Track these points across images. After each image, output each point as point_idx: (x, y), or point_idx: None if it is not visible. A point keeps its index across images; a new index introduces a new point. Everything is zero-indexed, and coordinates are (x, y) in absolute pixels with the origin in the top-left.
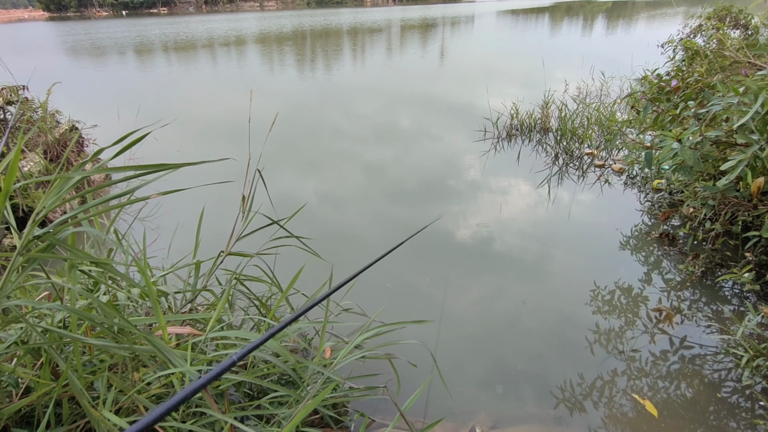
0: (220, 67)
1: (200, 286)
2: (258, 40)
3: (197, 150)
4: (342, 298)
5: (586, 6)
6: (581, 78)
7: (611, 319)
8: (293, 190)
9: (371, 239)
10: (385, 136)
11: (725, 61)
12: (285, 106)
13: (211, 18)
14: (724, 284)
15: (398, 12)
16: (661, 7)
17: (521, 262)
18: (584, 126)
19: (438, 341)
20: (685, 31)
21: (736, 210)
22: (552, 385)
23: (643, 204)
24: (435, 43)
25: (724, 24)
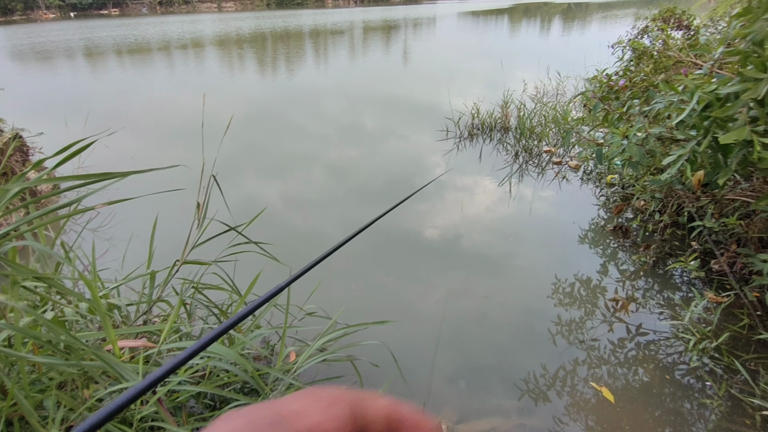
0: (177, 70)
1: (156, 297)
2: (216, 43)
3: (153, 156)
4: (305, 302)
5: (543, 8)
6: (539, 78)
7: (572, 311)
8: (257, 194)
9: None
10: (351, 136)
11: (669, 60)
12: (247, 109)
13: (166, 19)
14: (674, 272)
15: (360, 13)
16: (611, 8)
17: (487, 258)
18: (542, 124)
19: (405, 340)
20: (633, 32)
21: (682, 202)
22: (517, 377)
23: (599, 198)
24: (398, 44)
25: (668, 25)
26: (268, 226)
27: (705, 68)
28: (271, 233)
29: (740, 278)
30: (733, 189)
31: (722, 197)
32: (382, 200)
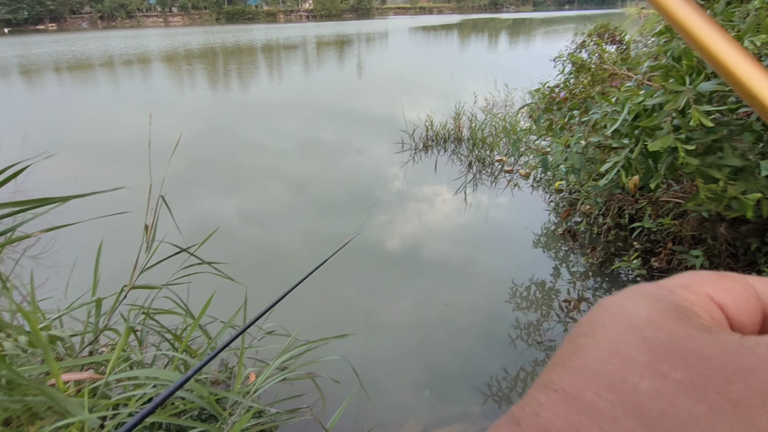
0: (122, 87)
1: (102, 325)
2: (164, 58)
3: (98, 177)
4: (264, 321)
5: (490, 23)
6: (488, 90)
7: (529, 313)
8: (213, 212)
9: (301, 255)
10: (309, 150)
11: (605, 73)
12: (199, 126)
13: (109, 35)
14: (620, 271)
15: (312, 28)
16: (553, 24)
17: (448, 266)
18: (493, 135)
19: (368, 353)
20: (572, 46)
21: (622, 205)
22: (481, 382)
23: (549, 204)
24: (352, 59)
25: (602, 40)
26: (226, 245)
27: (634, 81)
28: (229, 251)
29: None
30: (667, 191)
31: (658, 199)
32: (344, 212)
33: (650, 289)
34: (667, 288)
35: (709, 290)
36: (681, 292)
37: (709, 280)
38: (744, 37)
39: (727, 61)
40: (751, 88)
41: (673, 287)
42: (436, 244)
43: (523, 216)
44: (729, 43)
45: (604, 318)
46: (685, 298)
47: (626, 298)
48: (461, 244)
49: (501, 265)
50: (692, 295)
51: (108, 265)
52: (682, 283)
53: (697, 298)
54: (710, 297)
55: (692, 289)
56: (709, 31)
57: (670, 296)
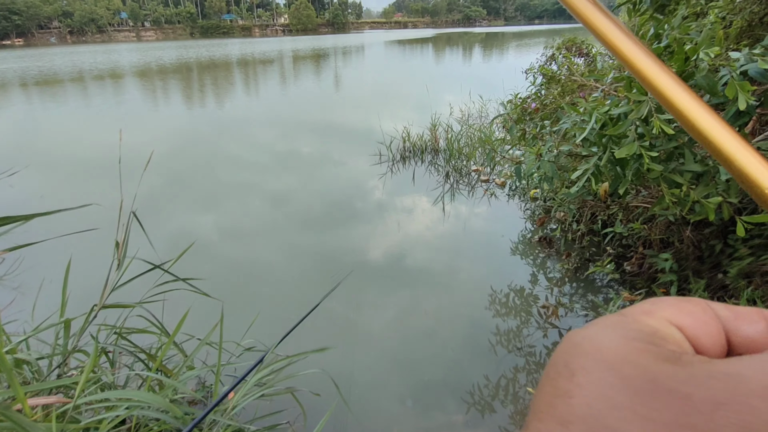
0: (93, 103)
1: (72, 347)
2: (137, 74)
3: (67, 194)
4: (243, 337)
5: (464, 37)
6: (463, 101)
7: (509, 320)
8: (190, 228)
9: (282, 270)
10: (287, 164)
11: (574, 84)
12: (174, 141)
13: (78, 50)
14: (595, 276)
15: (289, 43)
16: (524, 38)
17: (429, 275)
18: (469, 145)
19: (350, 365)
20: (543, 59)
21: (595, 211)
22: (463, 390)
23: (525, 212)
24: (328, 72)
25: (570, 53)
26: (203, 261)
27: (600, 92)
28: (207, 268)
29: (649, 277)
30: (636, 197)
31: (628, 204)
32: (324, 225)
33: (615, 318)
34: (630, 316)
35: (668, 314)
36: (643, 319)
37: (668, 304)
38: (699, 49)
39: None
40: (678, 107)
41: (635, 315)
42: (416, 254)
43: (501, 224)
44: (658, 66)
45: (579, 356)
46: (648, 324)
47: (595, 332)
48: (441, 254)
49: (480, 273)
50: (653, 321)
51: (78, 285)
52: (642, 310)
53: (658, 323)
54: (669, 321)
55: (652, 314)
56: (639, 54)
57: (634, 324)
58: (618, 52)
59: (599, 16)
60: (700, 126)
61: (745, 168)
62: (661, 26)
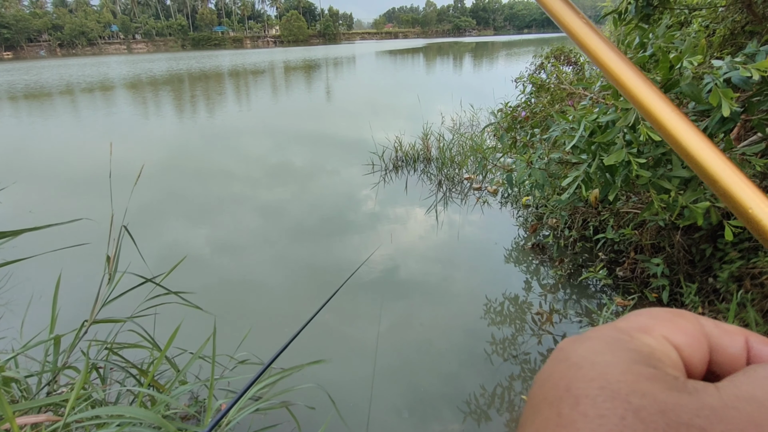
0: (83, 116)
1: (62, 363)
2: (128, 86)
3: (57, 209)
4: (236, 350)
5: (454, 46)
6: (454, 110)
7: (504, 328)
8: (182, 242)
9: (275, 282)
10: (280, 175)
11: (563, 93)
12: (165, 154)
13: (68, 62)
14: (588, 282)
15: (280, 54)
16: (513, 47)
17: (423, 285)
18: (461, 154)
19: (345, 377)
20: (532, 68)
21: (587, 217)
22: (459, 400)
23: (517, 219)
24: (320, 83)
25: (559, 62)
26: (196, 275)
27: (588, 100)
28: (200, 281)
29: (641, 282)
30: (626, 203)
31: (618, 210)
32: (317, 237)
33: (612, 334)
34: (626, 332)
35: (665, 331)
36: (641, 337)
37: (664, 319)
38: (683, 57)
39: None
40: (656, 115)
41: (632, 331)
42: (410, 264)
43: (494, 232)
44: (640, 79)
45: (582, 381)
46: (646, 343)
47: (594, 351)
48: (435, 263)
49: (475, 281)
50: (652, 339)
51: (68, 300)
52: (639, 325)
53: (656, 341)
54: (666, 338)
55: (650, 331)
56: (620, 64)
57: (631, 343)
58: (604, 66)
59: (584, 29)
60: (678, 136)
61: (720, 178)
62: (645, 35)
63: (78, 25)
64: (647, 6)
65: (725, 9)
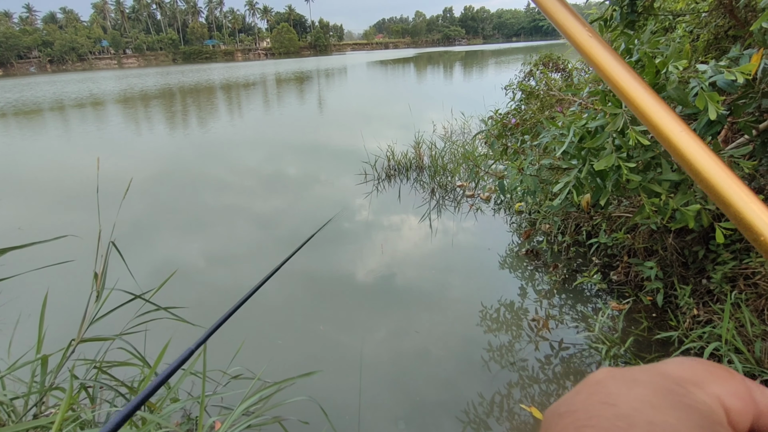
0: (74, 131)
1: (49, 384)
2: (119, 100)
3: (47, 225)
4: (229, 365)
5: (444, 55)
6: (446, 118)
7: (500, 335)
8: (176, 255)
9: (269, 293)
10: (274, 186)
11: (553, 99)
12: (158, 167)
13: (59, 78)
14: (583, 287)
15: (271, 66)
16: (502, 55)
17: (418, 293)
18: (453, 161)
19: (340, 389)
20: (521, 75)
21: (579, 222)
22: (458, 409)
23: (511, 226)
24: (312, 94)
25: (547, 69)
26: (189, 288)
27: (577, 106)
28: (193, 295)
29: (636, 285)
30: (618, 207)
31: (611, 215)
32: (312, 247)
33: (663, 382)
34: (680, 384)
35: (719, 391)
36: (696, 393)
37: (717, 377)
38: (668, 62)
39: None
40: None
41: (686, 383)
42: (405, 272)
43: (488, 239)
44: (636, 82)
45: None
46: (704, 402)
47: (646, 402)
48: (430, 271)
49: (470, 288)
50: (708, 398)
51: (57, 318)
52: (693, 377)
53: (712, 401)
54: (720, 399)
55: (705, 388)
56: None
57: (687, 398)
58: (603, 70)
59: (585, 34)
60: (672, 137)
61: (717, 182)
62: (631, 41)
63: (68, 41)
64: (632, 12)
65: (708, 14)
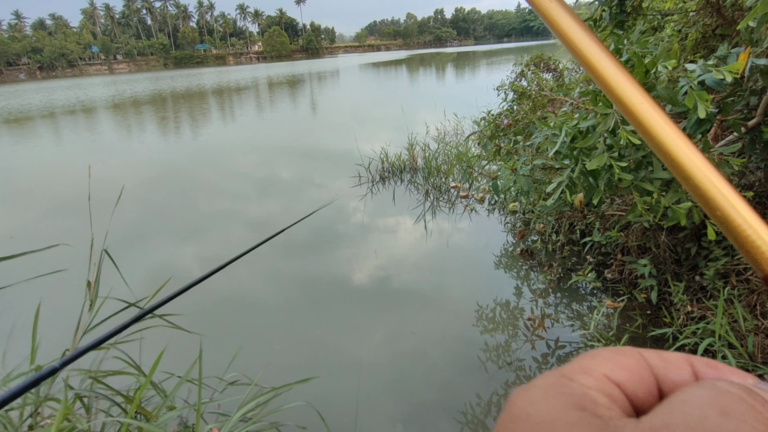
0: (66, 138)
1: (44, 395)
2: (111, 106)
3: (38, 234)
4: (226, 371)
5: (436, 57)
6: (439, 120)
7: (497, 335)
8: (170, 261)
9: (266, 298)
10: (268, 190)
11: (544, 99)
12: (151, 173)
13: (49, 86)
14: (578, 285)
15: (263, 70)
16: (493, 56)
17: (415, 295)
18: (447, 163)
19: (338, 393)
20: (513, 76)
21: (573, 221)
22: (455, 410)
23: (505, 226)
24: (305, 97)
25: (539, 69)
26: (185, 294)
27: (568, 106)
28: (189, 301)
29: (630, 283)
30: (611, 205)
31: (604, 213)
32: (308, 250)
33: (551, 380)
34: (568, 376)
35: (606, 370)
36: (581, 378)
37: (606, 358)
38: (657, 62)
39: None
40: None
41: (574, 374)
42: (401, 274)
43: (483, 239)
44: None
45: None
46: (584, 384)
47: (530, 400)
48: (426, 273)
49: (466, 289)
50: (591, 379)
51: (51, 328)
52: (582, 366)
53: (596, 381)
54: (607, 377)
55: (591, 372)
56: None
57: (568, 387)
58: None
59: (579, 31)
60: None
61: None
62: (620, 41)
63: (58, 48)
64: (621, 13)
65: (696, 13)
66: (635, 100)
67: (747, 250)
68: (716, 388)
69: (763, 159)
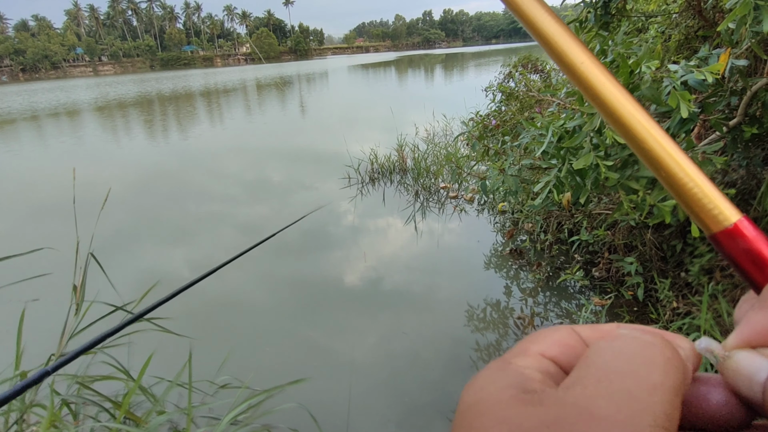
0: (50, 141)
1: (29, 401)
2: (96, 109)
3: (22, 238)
4: (216, 374)
5: (425, 58)
6: (428, 120)
7: (487, 334)
8: (159, 265)
9: (257, 301)
10: (258, 192)
11: (532, 100)
12: (138, 176)
13: (31, 88)
14: (567, 284)
15: (251, 71)
16: (482, 57)
17: (406, 295)
18: (436, 163)
19: (331, 395)
20: (501, 77)
21: (561, 220)
22: (448, 410)
23: (494, 226)
24: (294, 99)
25: (526, 70)
26: (174, 298)
27: (555, 106)
28: (179, 304)
29: (617, 281)
30: (598, 204)
31: (591, 212)
32: (298, 252)
33: (494, 365)
34: (507, 360)
35: (541, 348)
36: (517, 360)
37: (541, 338)
38: (641, 63)
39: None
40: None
41: (512, 357)
42: (392, 275)
43: (472, 239)
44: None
45: (477, 417)
46: (519, 365)
47: (474, 388)
48: (417, 273)
49: (456, 289)
50: (528, 359)
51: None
52: (520, 349)
53: (532, 359)
54: (542, 354)
55: (527, 352)
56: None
57: (507, 370)
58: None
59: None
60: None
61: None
62: (605, 42)
63: (41, 49)
64: (606, 14)
65: (679, 15)
66: (576, 60)
67: (693, 209)
68: (624, 337)
69: (744, 157)
